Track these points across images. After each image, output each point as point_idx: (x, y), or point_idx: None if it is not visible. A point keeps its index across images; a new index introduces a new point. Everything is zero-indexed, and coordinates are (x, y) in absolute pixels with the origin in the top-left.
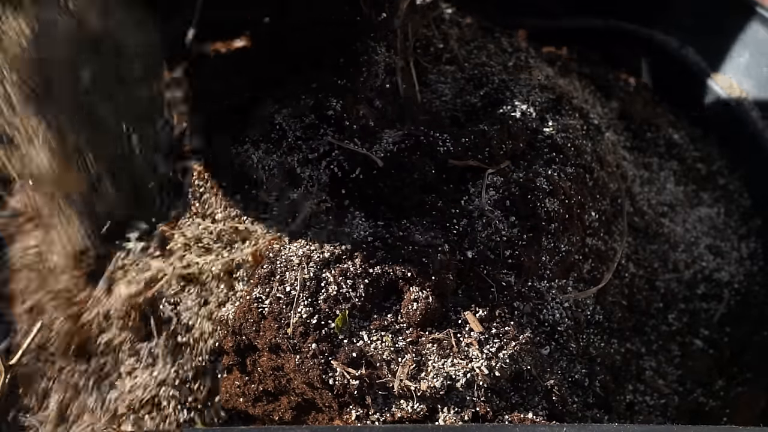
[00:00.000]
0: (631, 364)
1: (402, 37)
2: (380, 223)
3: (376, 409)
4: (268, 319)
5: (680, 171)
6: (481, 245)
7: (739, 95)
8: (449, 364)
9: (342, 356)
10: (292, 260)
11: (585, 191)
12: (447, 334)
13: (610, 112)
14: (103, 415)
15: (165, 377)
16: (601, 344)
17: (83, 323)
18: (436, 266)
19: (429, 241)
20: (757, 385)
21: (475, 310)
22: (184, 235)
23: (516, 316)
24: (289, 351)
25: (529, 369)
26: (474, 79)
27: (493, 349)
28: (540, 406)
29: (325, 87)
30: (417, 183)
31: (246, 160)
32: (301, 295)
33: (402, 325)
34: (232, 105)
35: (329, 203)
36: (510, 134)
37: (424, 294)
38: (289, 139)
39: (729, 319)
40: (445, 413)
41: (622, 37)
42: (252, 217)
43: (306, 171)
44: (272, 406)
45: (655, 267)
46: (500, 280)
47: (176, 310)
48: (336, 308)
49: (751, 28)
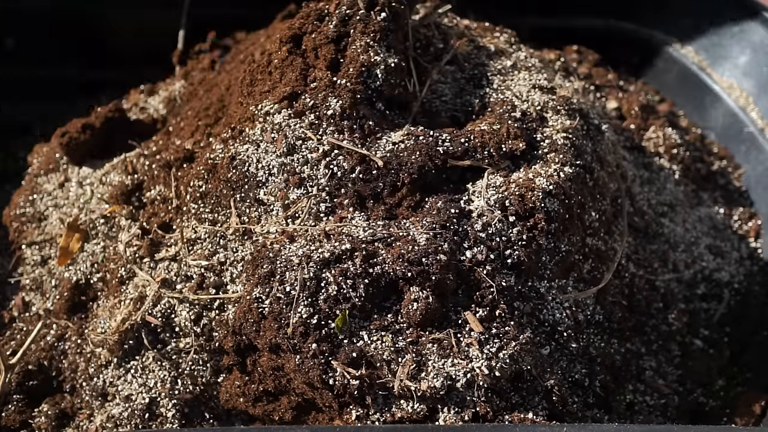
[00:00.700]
0: (631, 364)
1: (402, 37)
2: (380, 223)
3: (376, 409)
4: (268, 319)
5: (680, 171)
6: (482, 245)
7: (739, 95)
8: (449, 364)
9: (342, 356)
10: (292, 260)
11: (585, 191)
12: (447, 334)
13: (610, 112)
14: None
15: None
16: (601, 344)
17: None
18: (436, 266)
19: (429, 241)
20: (757, 385)
21: (475, 310)
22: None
23: (516, 316)
24: (290, 351)
25: (529, 369)
26: (474, 79)
27: (493, 349)
28: (540, 406)
29: (325, 87)
30: (417, 183)
31: (246, 159)
32: (301, 295)
33: (402, 325)
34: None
35: (329, 203)
36: (510, 134)
37: (424, 294)
38: (289, 138)
39: (729, 319)
40: (445, 413)
41: (622, 37)
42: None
43: (306, 170)
44: (272, 406)
45: (655, 267)
46: (500, 280)
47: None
48: (336, 308)
49: (751, 28)
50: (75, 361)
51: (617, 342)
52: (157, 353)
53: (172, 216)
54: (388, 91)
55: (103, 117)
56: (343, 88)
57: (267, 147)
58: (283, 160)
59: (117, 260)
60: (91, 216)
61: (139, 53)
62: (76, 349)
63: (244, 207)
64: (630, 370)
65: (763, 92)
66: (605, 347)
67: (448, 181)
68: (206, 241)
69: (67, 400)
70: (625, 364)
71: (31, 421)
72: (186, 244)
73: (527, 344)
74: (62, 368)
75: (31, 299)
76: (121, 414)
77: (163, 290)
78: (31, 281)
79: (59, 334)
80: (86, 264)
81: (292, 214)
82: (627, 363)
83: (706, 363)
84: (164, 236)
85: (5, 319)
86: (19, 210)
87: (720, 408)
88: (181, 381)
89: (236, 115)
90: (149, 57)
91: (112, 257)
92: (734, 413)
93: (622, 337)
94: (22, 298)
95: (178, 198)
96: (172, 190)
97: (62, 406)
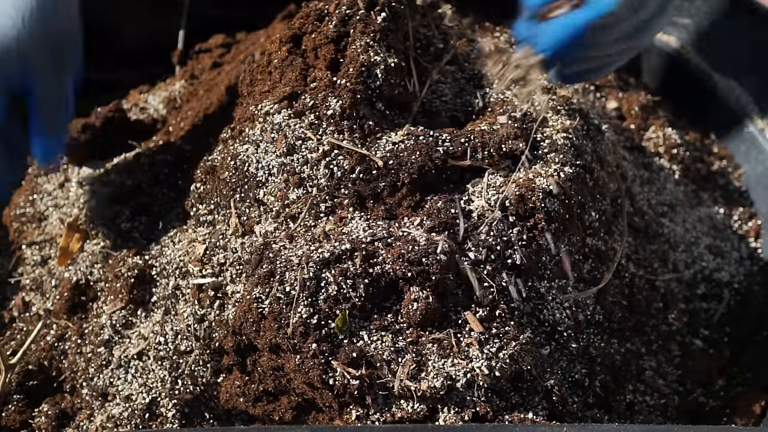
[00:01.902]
0: (631, 364)
1: (402, 37)
2: (380, 223)
3: (376, 409)
4: (268, 319)
5: (680, 171)
6: (481, 245)
7: (739, 95)
8: (449, 364)
9: (342, 356)
10: (291, 260)
11: (585, 191)
12: (447, 334)
13: (610, 112)
14: None
15: None
16: (601, 344)
17: None
18: (436, 266)
19: (429, 241)
20: (757, 385)
21: (475, 310)
22: None
23: (516, 316)
24: (290, 351)
25: (529, 369)
26: (474, 79)
27: (493, 349)
28: (540, 406)
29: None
30: (417, 183)
31: (246, 159)
32: (301, 295)
33: (402, 325)
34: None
35: (329, 203)
36: (510, 134)
37: (424, 294)
38: (289, 138)
39: (729, 319)
40: (445, 413)
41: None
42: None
43: (306, 170)
44: (272, 406)
45: (655, 267)
46: (501, 281)
47: None
48: (336, 308)
49: (751, 28)
50: (75, 361)
51: (617, 342)
52: (158, 353)
53: None
54: (388, 91)
55: (103, 117)
56: (343, 88)
57: (267, 147)
58: (282, 160)
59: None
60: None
61: (139, 53)
62: (76, 349)
63: (243, 207)
64: (630, 370)
65: (763, 92)
66: (605, 347)
67: (448, 181)
68: (205, 242)
69: (68, 400)
70: (625, 364)
71: (32, 421)
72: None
73: (527, 344)
74: (62, 368)
75: (31, 299)
76: (121, 414)
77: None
78: (31, 281)
79: (59, 334)
80: (86, 264)
81: (292, 214)
82: (627, 363)
83: (706, 363)
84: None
85: (5, 320)
86: (19, 210)
87: (720, 408)
88: (181, 381)
89: (236, 115)
90: (149, 57)
91: (113, 257)
92: (734, 413)
93: (622, 337)
94: (22, 298)
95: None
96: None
97: (62, 406)
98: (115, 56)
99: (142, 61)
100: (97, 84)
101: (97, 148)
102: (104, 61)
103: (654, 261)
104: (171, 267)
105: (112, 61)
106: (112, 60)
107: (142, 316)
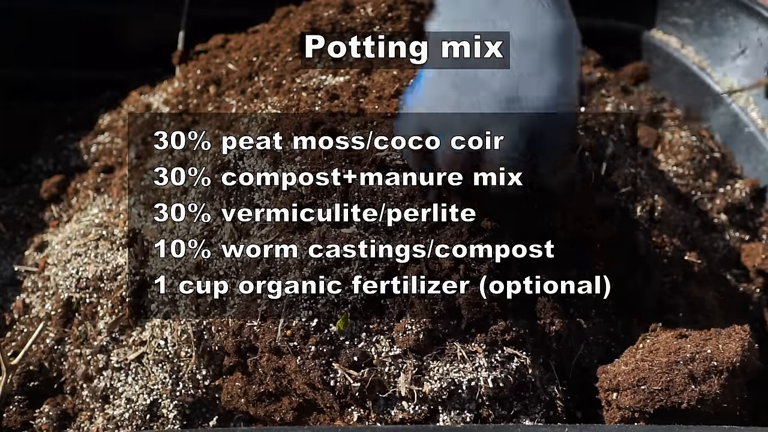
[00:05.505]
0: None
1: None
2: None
3: (377, 410)
4: (267, 322)
5: (680, 170)
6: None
7: (739, 95)
8: (453, 369)
9: (343, 358)
10: (291, 262)
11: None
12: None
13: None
14: None
15: None
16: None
17: None
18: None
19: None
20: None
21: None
22: None
23: (522, 324)
24: (290, 353)
25: (533, 381)
26: None
27: (497, 358)
28: (541, 414)
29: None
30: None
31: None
32: (301, 297)
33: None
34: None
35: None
36: None
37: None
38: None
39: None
40: (445, 416)
41: (622, 37)
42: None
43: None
44: (273, 407)
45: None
46: (506, 288)
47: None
48: (337, 311)
49: (751, 28)
50: (75, 363)
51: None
52: (158, 356)
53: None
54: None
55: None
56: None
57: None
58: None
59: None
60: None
61: (139, 53)
62: (75, 352)
63: (239, 210)
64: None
65: (763, 92)
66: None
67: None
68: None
69: (68, 401)
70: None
71: (33, 422)
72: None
73: (532, 354)
74: (63, 370)
75: (31, 301)
76: (122, 415)
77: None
78: (32, 283)
79: (59, 337)
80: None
81: (289, 215)
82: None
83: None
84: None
85: (6, 321)
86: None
87: None
88: (182, 383)
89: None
90: (149, 57)
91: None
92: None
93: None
94: (23, 300)
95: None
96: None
97: (63, 407)
98: (115, 56)
99: (142, 61)
100: (97, 84)
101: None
102: (104, 61)
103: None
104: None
105: (112, 61)
106: (112, 60)
107: (141, 320)
